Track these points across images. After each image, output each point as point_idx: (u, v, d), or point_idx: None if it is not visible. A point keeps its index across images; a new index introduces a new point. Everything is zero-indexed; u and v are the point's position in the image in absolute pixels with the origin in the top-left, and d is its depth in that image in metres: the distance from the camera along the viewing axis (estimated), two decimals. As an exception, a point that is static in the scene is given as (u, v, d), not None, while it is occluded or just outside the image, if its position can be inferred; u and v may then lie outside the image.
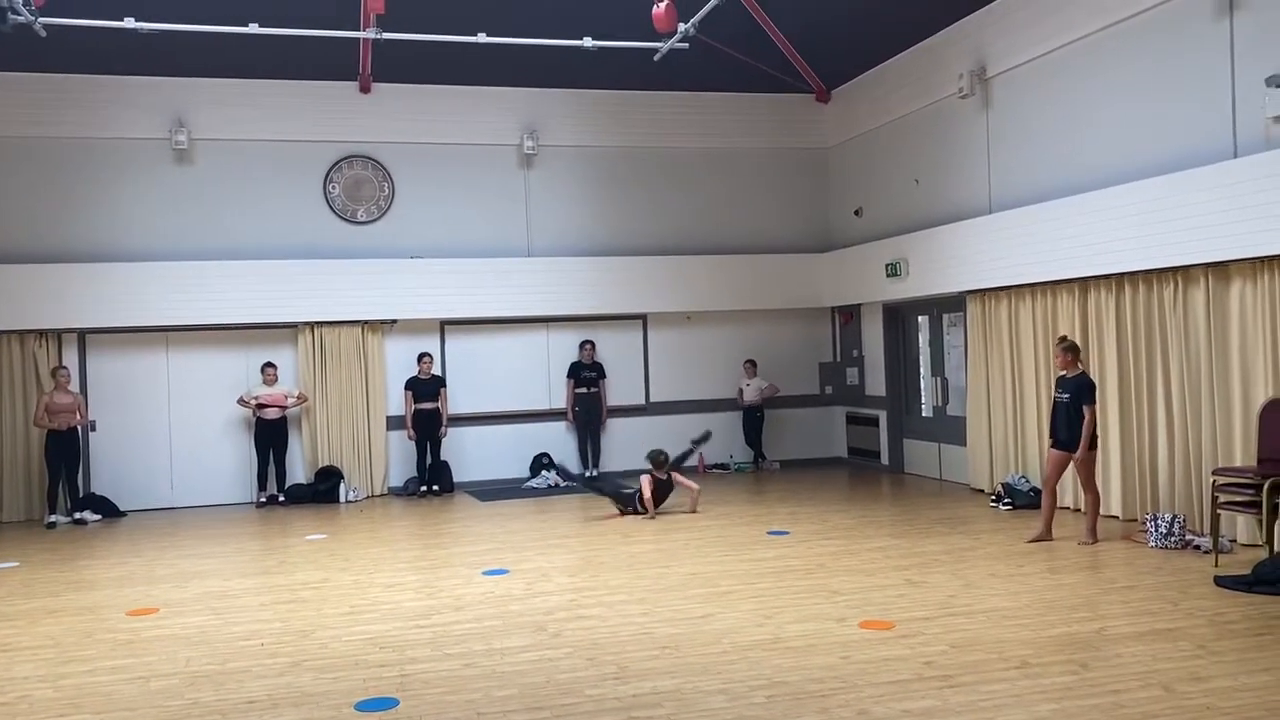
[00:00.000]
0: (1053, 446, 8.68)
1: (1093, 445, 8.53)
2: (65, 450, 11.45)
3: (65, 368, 11.72)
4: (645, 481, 10.70)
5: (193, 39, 10.68)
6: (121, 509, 12.00)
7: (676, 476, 10.69)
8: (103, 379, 12.37)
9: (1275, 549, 7.16)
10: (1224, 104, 8.30)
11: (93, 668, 5.91)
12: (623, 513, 10.70)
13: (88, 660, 6.06)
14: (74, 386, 11.87)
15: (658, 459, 10.77)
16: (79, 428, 11.65)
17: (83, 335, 12.30)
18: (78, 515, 11.51)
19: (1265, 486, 7.21)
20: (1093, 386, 8.60)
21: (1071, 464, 8.61)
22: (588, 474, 13.38)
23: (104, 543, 10.26)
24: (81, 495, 11.76)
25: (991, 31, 11.05)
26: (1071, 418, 8.45)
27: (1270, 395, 7.81)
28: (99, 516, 11.71)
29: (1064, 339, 8.86)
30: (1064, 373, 8.64)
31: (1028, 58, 10.52)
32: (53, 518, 11.37)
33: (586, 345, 13.56)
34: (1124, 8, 9.25)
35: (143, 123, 12.47)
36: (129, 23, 10.01)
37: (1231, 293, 8.25)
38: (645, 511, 10.52)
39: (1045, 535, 8.60)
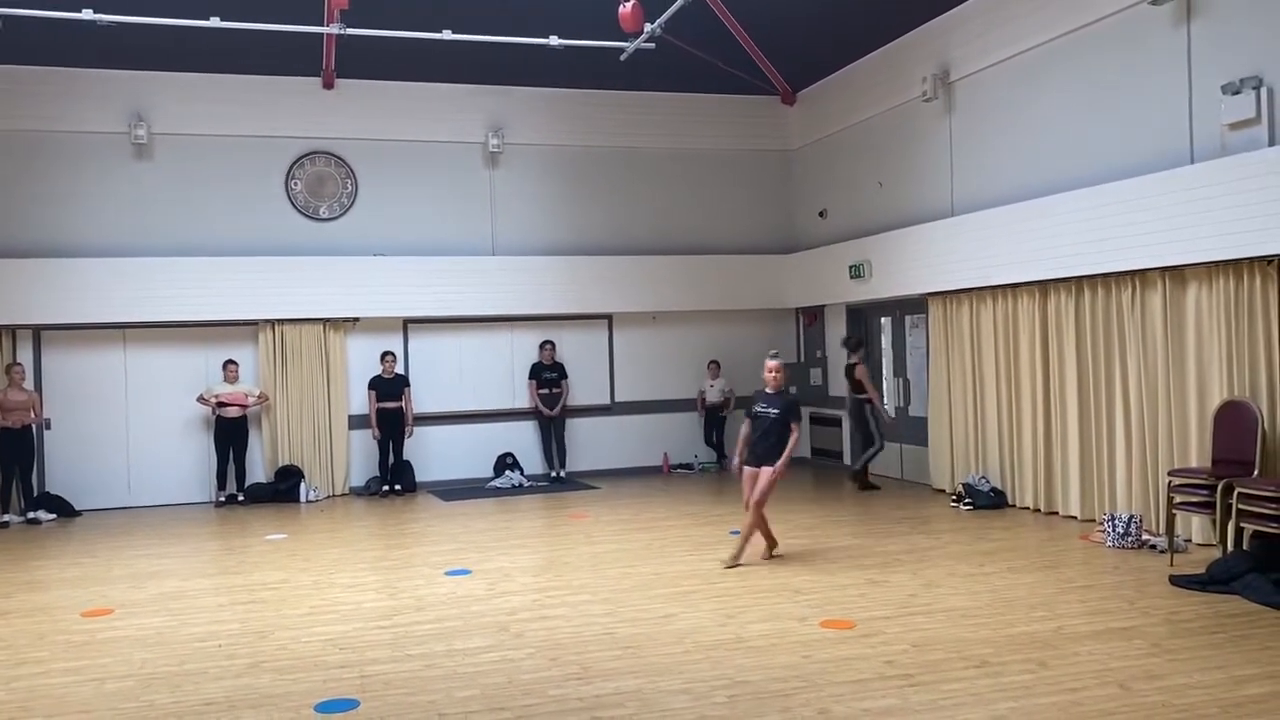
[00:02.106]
0: (750, 463, 8.12)
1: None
2: (19, 448, 11.26)
3: (20, 364, 11.53)
4: (864, 373, 11.57)
5: (152, 32, 10.53)
6: (77, 508, 11.82)
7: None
8: (58, 376, 12.16)
9: (1229, 549, 7.27)
10: (1181, 111, 8.43)
11: (46, 669, 5.81)
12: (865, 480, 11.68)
13: (41, 662, 5.95)
14: (29, 384, 11.67)
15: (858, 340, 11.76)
16: (33, 426, 11.45)
17: (38, 332, 12.09)
18: (32, 515, 11.33)
19: (1219, 487, 7.33)
20: (800, 404, 8.45)
21: (756, 479, 8.05)
22: (553, 474, 13.37)
23: (58, 543, 10.09)
24: (36, 494, 11.58)
25: (955, 36, 11.16)
26: (783, 434, 8.01)
27: (1225, 398, 7.94)
28: (53, 516, 11.52)
29: (778, 354, 8.49)
30: (772, 390, 8.20)
31: (990, 62, 10.63)
32: (6, 517, 11.18)
33: (546, 346, 13.51)
34: (1084, 15, 9.37)
35: (101, 116, 12.29)
36: (87, 14, 9.86)
37: (1188, 296, 8.38)
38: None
39: (772, 544, 8.23)
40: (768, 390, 8.24)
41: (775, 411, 8.10)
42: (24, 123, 12.06)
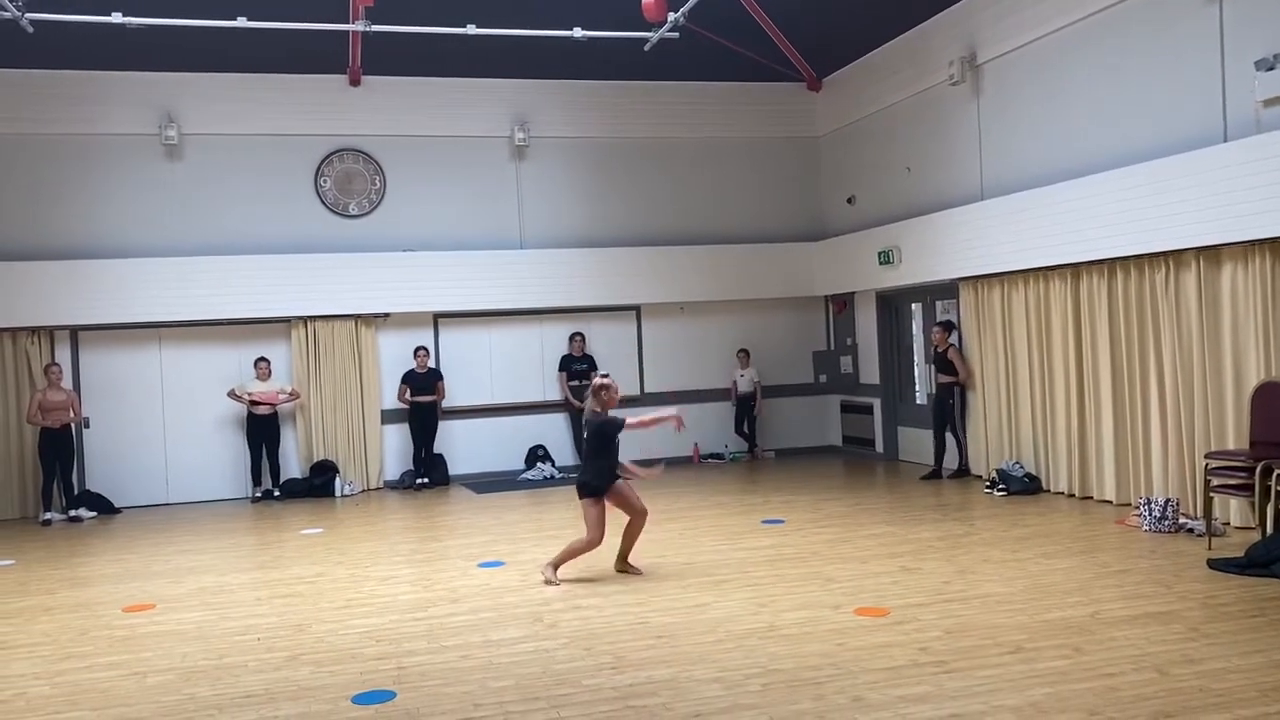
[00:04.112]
0: (600, 496, 7.35)
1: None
2: (59, 447, 11.43)
3: (58, 365, 11.70)
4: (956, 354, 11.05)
5: (181, 33, 10.65)
6: (116, 506, 11.98)
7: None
8: (96, 376, 12.34)
9: (1268, 531, 7.18)
10: (1214, 88, 8.31)
11: (89, 664, 5.91)
12: None
13: (84, 657, 6.06)
14: (67, 383, 11.86)
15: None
16: (72, 425, 11.63)
17: (75, 332, 12.27)
18: (73, 512, 11.50)
19: (1258, 469, 7.23)
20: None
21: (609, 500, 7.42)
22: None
23: (99, 540, 10.25)
24: (76, 492, 11.75)
25: (982, 18, 11.05)
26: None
27: (1262, 378, 7.83)
28: (94, 513, 11.69)
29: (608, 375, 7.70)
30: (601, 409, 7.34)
31: (1018, 44, 10.52)
32: (48, 515, 11.36)
33: (576, 337, 13.54)
34: (1113, -7, 9.26)
35: (132, 118, 12.43)
36: (116, 17, 9.97)
37: (1223, 277, 8.27)
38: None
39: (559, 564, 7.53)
40: (596, 410, 7.34)
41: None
42: (56, 126, 12.22)
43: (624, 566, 7.60)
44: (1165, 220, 8.47)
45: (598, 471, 7.39)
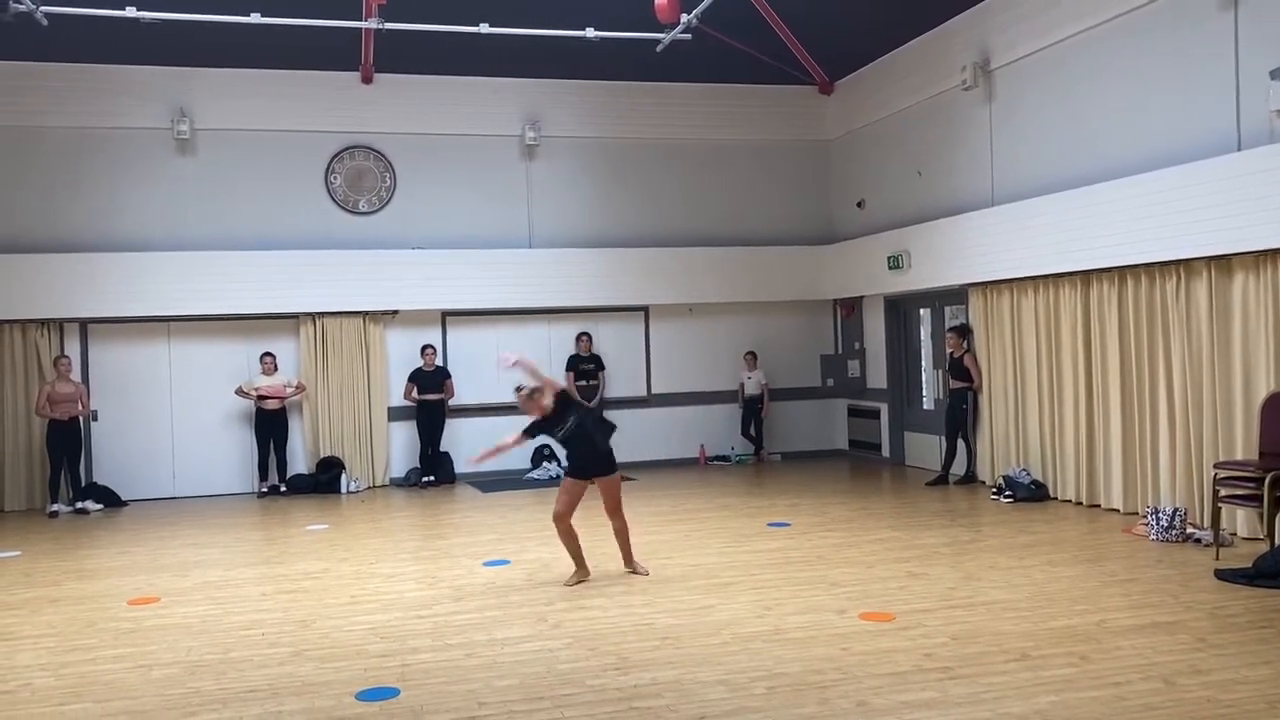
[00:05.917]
0: (590, 474, 7.42)
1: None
2: (67, 440, 11.46)
3: (67, 357, 11.73)
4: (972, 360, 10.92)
5: (194, 28, 10.67)
6: (123, 498, 12.02)
7: None
8: (104, 369, 12.38)
9: (1276, 542, 7.15)
10: (1228, 97, 8.28)
11: (94, 656, 5.92)
12: None
13: (89, 649, 6.07)
14: (76, 376, 11.88)
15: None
16: (80, 417, 11.65)
17: (84, 325, 12.30)
18: (80, 505, 11.53)
19: (1266, 480, 7.20)
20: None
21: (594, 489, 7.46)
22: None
23: (106, 532, 10.27)
24: (83, 485, 11.78)
25: (995, 23, 11.03)
26: (604, 428, 7.57)
27: (1272, 389, 7.79)
28: (101, 506, 11.72)
29: (521, 387, 7.77)
30: (553, 413, 7.50)
31: (1031, 50, 10.49)
32: (55, 507, 11.39)
33: (583, 337, 13.54)
34: (1128, 0, 9.22)
35: (145, 112, 12.46)
36: (130, 12, 10.00)
37: (1234, 286, 8.24)
38: None
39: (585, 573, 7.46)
40: (550, 417, 7.52)
41: (579, 419, 7.47)
42: (69, 119, 12.26)
43: (630, 568, 7.61)
44: (1177, 229, 8.44)
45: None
